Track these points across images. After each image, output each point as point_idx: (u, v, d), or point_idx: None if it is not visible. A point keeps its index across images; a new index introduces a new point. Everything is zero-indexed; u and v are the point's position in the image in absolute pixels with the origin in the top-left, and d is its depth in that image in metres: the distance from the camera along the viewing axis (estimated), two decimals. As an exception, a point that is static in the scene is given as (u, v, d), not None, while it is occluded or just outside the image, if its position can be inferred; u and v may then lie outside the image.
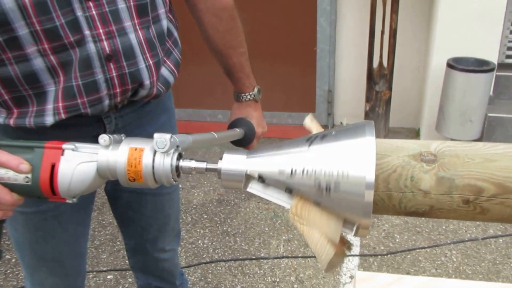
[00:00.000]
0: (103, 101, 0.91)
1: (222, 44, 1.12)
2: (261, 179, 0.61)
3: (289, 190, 0.60)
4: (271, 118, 3.48)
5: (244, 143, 1.13)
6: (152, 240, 1.32)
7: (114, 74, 0.90)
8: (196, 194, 2.76)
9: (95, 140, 0.67)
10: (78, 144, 0.67)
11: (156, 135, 0.63)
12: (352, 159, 0.55)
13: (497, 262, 2.12)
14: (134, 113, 1.04)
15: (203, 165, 0.65)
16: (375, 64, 2.93)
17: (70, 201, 0.69)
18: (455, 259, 2.13)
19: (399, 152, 0.58)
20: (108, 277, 2.14)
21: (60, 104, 0.88)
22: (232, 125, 1.14)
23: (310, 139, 0.60)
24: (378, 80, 2.94)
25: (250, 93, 1.17)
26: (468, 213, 0.56)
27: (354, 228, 0.58)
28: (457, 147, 0.60)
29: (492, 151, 0.59)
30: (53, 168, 0.67)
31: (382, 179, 0.56)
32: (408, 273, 2.05)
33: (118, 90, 0.91)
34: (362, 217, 0.55)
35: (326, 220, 0.58)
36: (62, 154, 0.67)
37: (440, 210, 0.58)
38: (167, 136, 0.63)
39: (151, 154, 0.64)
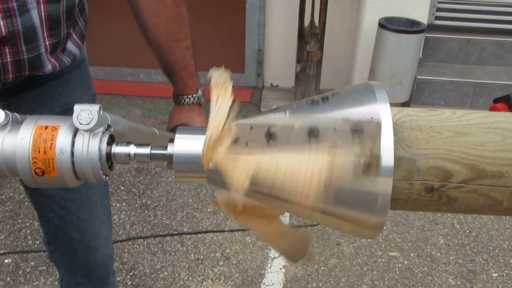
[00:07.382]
0: None
1: (164, 35, 0.95)
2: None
3: None
4: (196, 79, 3.28)
5: None
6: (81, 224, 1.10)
7: (9, 60, 0.76)
8: (112, 163, 2.53)
9: None
10: None
11: (77, 106, 0.45)
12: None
13: (425, 228, 2.11)
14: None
15: (145, 150, 0.48)
16: (306, 22, 2.86)
17: None
18: (384, 227, 2.08)
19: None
20: (6, 261, 1.92)
21: None
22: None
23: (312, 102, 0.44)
24: (309, 40, 2.88)
25: (194, 95, 1.01)
26: (431, 204, 0.45)
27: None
28: (419, 116, 0.46)
29: (463, 121, 0.47)
30: None
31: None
32: (338, 244, 1.98)
33: (10, 76, 0.78)
34: (372, 215, 0.40)
35: None
36: None
37: (396, 201, 0.47)
38: (94, 107, 0.45)
39: (69, 134, 0.46)
